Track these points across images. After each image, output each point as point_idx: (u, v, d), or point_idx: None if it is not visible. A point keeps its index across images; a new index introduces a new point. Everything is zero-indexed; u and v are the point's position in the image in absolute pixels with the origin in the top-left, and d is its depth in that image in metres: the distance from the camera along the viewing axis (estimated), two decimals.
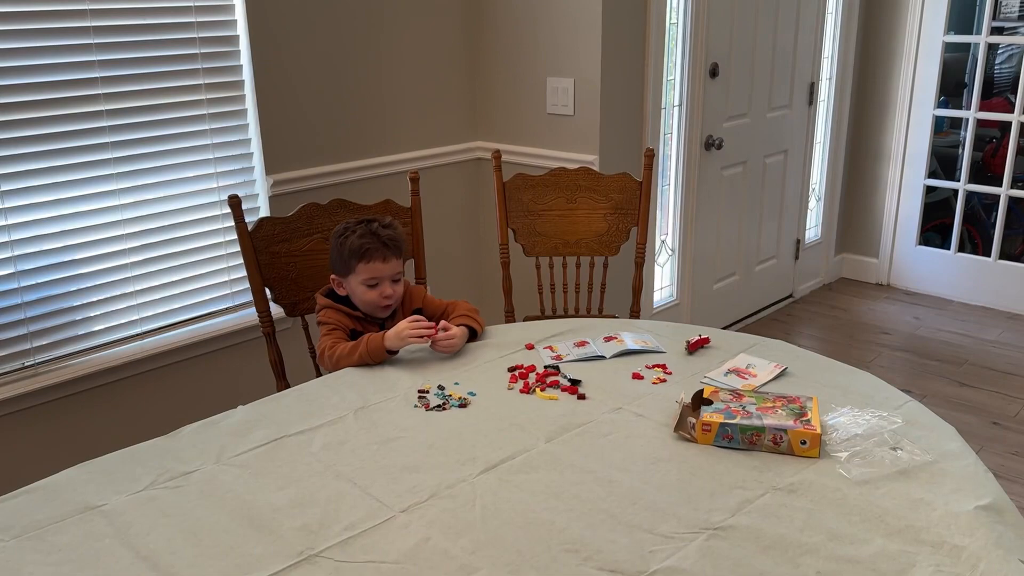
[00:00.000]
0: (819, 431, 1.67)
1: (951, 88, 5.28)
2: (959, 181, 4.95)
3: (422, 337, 2.12)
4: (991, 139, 5.26)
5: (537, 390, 1.99)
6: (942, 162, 5.16)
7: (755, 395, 1.84)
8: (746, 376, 2.02)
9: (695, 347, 2.19)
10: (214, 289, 3.03)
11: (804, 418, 1.71)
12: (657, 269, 4.06)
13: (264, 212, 3.08)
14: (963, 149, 5.02)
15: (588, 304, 3.07)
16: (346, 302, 2.31)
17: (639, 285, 2.98)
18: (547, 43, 3.47)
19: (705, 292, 4.33)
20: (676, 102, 3.92)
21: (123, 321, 2.83)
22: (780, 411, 1.74)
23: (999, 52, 5.58)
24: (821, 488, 1.58)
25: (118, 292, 2.79)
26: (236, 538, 1.48)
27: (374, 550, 1.44)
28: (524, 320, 2.97)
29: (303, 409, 1.92)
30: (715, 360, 2.14)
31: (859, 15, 4.87)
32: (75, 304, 2.71)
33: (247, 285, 2.70)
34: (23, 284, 2.58)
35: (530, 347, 2.22)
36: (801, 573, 1.36)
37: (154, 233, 2.83)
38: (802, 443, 1.67)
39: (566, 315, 3.06)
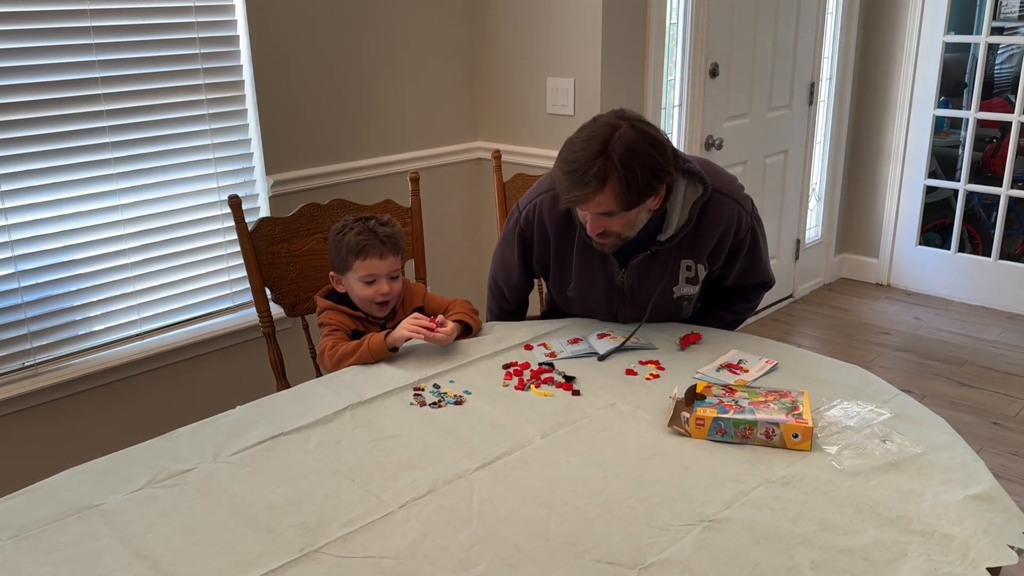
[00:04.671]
0: (811, 424, 1.68)
1: (951, 88, 5.28)
2: (959, 181, 4.95)
3: (419, 333, 2.13)
4: (991, 139, 5.27)
5: (532, 387, 2.00)
6: (942, 162, 5.17)
7: (747, 390, 1.85)
8: (738, 371, 2.03)
9: (687, 343, 2.20)
10: (214, 289, 3.04)
11: (796, 412, 1.72)
12: None
13: (264, 212, 3.09)
14: (963, 149, 5.02)
15: None
16: (347, 302, 2.32)
17: None
18: (547, 43, 3.48)
19: None
20: (676, 102, 3.93)
21: (123, 321, 2.84)
22: (772, 405, 1.76)
23: (999, 52, 5.59)
24: (813, 480, 1.59)
25: (118, 292, 2.81)
26: (235, 536, 1.48)
27: (373, 546, 1.44)
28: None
29: (299, 408, 1.93)
30: (707, 356, 2.15)
31: (859, 15, 4.87)
32: (75, 304, 2.72)
33: (247, 285, 2.71)
34: (23, 284, 2.59)
35: (528, 348, 2.23)
36: (795, 563, 1.37)
37: (154, 233, 2.85)
38: (794, 436, 1.68)
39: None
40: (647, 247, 2.19)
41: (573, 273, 2.30)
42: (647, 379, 2.03)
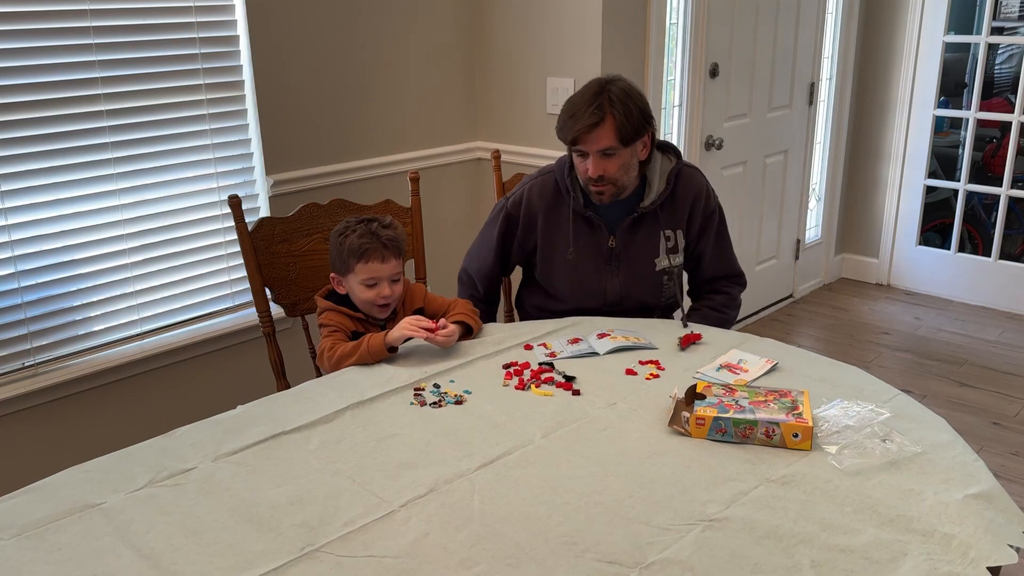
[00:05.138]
0: (811, 424, 1.68)
1: (951, 88, 5.28)
2: (959, 181, 4.96)
3: (419, 332, 2.13)
4: (991, 139, 5.27)
5: (532, 387, 2.00)
6: (942, 162, 5.17)
7: (747, 389, 1.85)
8: (738, 371, 2.03)
9: (687, 343, 2.20)
10: (214, 289, 3.04)
11: (796, 411, 1.72)
12: None
13: (264, 212, 3.09)
14: (963, 149, 5.02)
15: None
16: (347, 303, 2.32)
17: None
18: (547, 43, 3.48)
19: None
20: (676, 102, 3.93)
21: (123, 321, 2.84)
22: (772, 405, 1.75)
23: (999, 52, 5.60)
24: (813, 480, 1.59)
25: (118, 292, 2.81)
26: (236, 535, 1.48)
27: (374, 545, 1.44)
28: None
29: (300, 407, 1.93)
30: (707, 356, 2.15)
31: (859, 15, 4.88)
32: (75, 304, 2.72)
33: (247, 285, 2.71)
34: (23, 284, 2.60)
35: (528, 348, 2.23)
36: (795, 563, 1.37)
37: (154, 233, 2.85)
38: (794, 436, 1.68)
39: None
40: (633, 212, 2.44)
41: (570, 240, 2.46)
42: (647, 379, 2.03)
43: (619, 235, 2.44)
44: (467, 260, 2.70)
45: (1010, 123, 4.68)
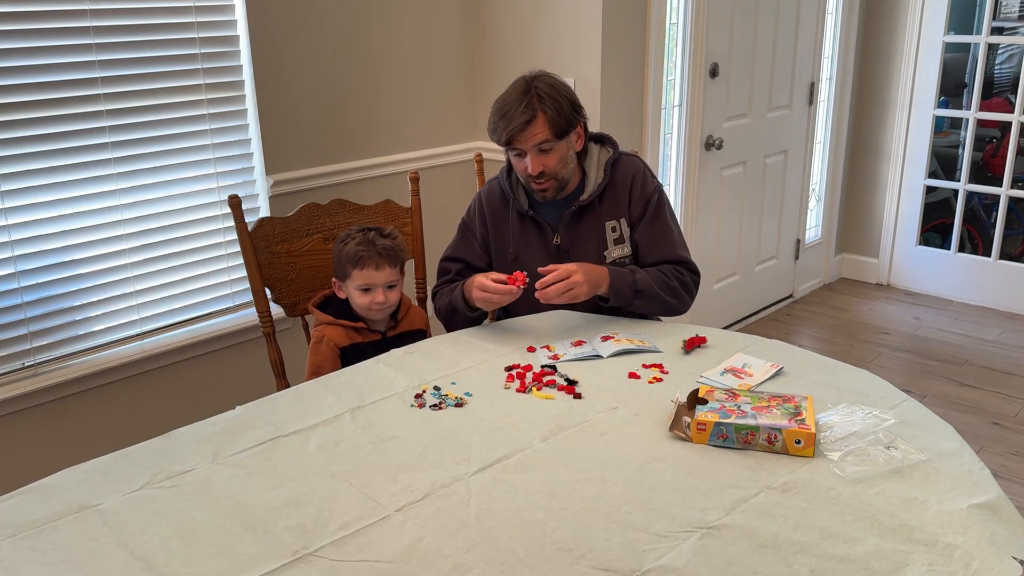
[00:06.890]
0: (813, 430, 1.67)
1: (951, 88, 5.28)
2: (959, 181, 4.95)
3: None
4: (991, 139, 5.26)
5: (534, 389, 1.99)
6: (942, 162, 5.16)
7: (750, 394, 1.84)
8: (742, 376, 2.02)
9: (692, 346, 2.19)
10: (214, 289, 3.04)
11: (799, 417, 1.71)
12: None
13: (264, 212, 3.09)
14: (963, 149, 5.02)
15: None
16: (348, 314, 2.38)
17: None
18: (547, 43, 3.47)
19: (705, 292, 4.32)
20: (676, 102, 3.92)
21: (123, 321, 2.84)
22: (775, 410, 1.75)
23: (999, 52, 5.59)
24: (815, 487, 1.57)
25: (118, 292, 2.80)
26: (231, 537, 1.48)
27: (368, 549, 1.44)
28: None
29: (299, 409, 1.93)
30: (712, 360, 2.13)
31: (859, 15, 4.87)
32: (75, 304, 2.72)
33: (247, 285, 2.71)
34: (23, 284, 2.59)
35: (531, 350, 2.22)
36: (794, 572, 1.36)
37: (154, 233, 2.84)
38: (796, 442, 1.67)
39: None
40: (572, 206, 2.45)
41: (511, 241, 2.50)
42: (650, 383, 2.02)
43: (562, 231, 2.46)
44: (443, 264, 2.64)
45: (1010, 123, 4.68)
